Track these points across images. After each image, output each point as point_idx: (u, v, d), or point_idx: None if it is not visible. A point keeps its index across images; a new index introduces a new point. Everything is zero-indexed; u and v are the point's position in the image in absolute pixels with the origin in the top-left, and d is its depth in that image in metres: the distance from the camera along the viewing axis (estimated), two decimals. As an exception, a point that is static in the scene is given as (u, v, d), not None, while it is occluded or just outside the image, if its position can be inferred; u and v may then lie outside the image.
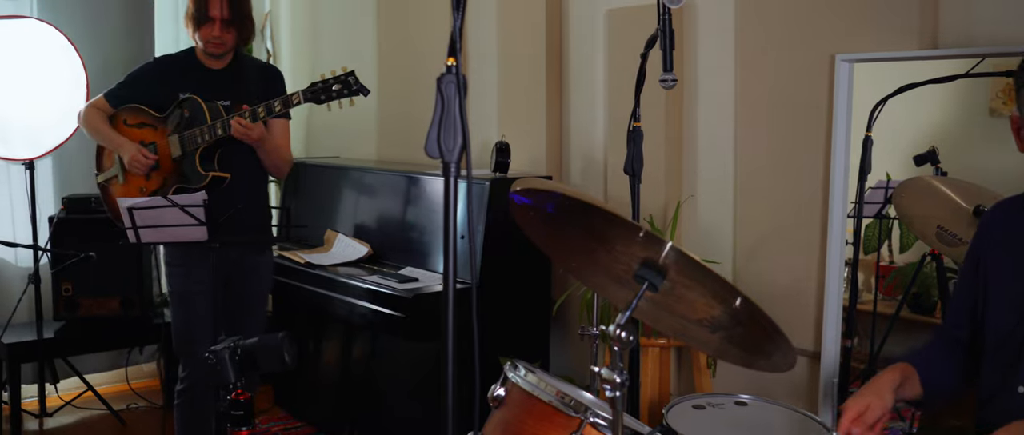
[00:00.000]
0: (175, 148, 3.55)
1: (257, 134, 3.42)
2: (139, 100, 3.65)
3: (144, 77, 3.69)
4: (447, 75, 1.41)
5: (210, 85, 3.56)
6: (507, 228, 3.62)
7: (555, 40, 4.16)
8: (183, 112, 3.54)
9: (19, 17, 4.75)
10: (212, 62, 3.61)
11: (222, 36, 3.50)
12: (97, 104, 3.71)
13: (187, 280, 3.58)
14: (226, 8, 3.47)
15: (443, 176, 1.42)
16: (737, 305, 1.67)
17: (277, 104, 3.39)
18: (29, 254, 4.76)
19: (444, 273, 1.43)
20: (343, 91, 3.35)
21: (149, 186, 3.61)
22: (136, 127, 3.64)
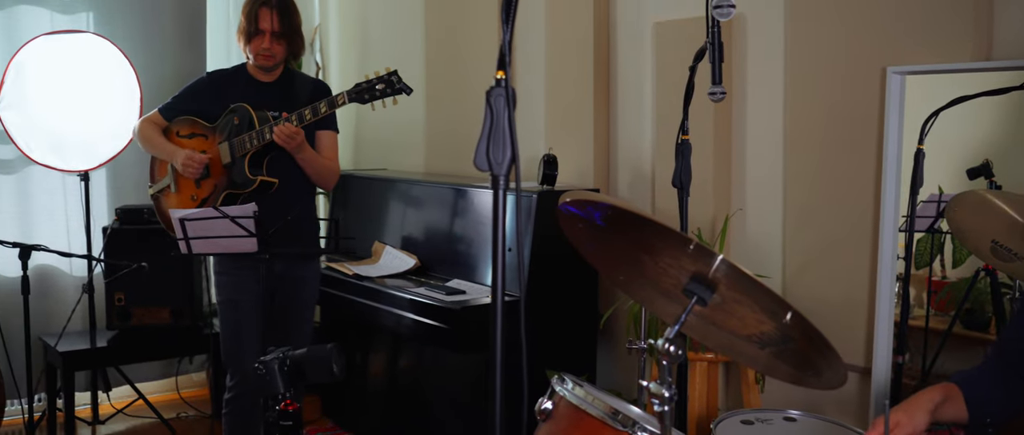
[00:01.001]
0: (225, 155, 3.62)
1: (299, 141, 3.46)
2: (191, 111, 3.74)
3: (197, 91, 3.78)
4: (496, 88, 1.41)
5: (260, 98, 3.63)
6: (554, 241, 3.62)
7: (603, 53, 4.15)
8: (233, 119, 3.61)
9: (76, 32, 4.84)
10: (263, 76, 3.69)
11: (272, 48, 3.58)
12: (152, 118, 3.81)
13: (236, 290, 3.63)
14: (276, 21, 3.56)
15: (492, 189, 1.42)
16: (787, 320, 1.65)
17: (323, 105, 3.44)
18: (83, 264, 4.85)
19: (492, 286, 1.44)
20: (387, 90, 3.39)
21: (200, 193, 3.67)
22: (188, 138, 3.73)
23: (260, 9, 3.57)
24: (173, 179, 3.74)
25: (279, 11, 3.58)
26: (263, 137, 3.50)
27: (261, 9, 3.57)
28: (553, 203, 3.69)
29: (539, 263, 3.82)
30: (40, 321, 4.94)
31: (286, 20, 3.59)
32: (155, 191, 3.84)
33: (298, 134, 3.45)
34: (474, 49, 4.72)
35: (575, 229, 1.88)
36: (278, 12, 3.58)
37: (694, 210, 3.15)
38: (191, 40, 5.41)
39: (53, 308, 5.10)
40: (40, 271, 5.06)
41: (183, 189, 3.72)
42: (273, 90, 3.68)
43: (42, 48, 4.65)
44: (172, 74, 5.18)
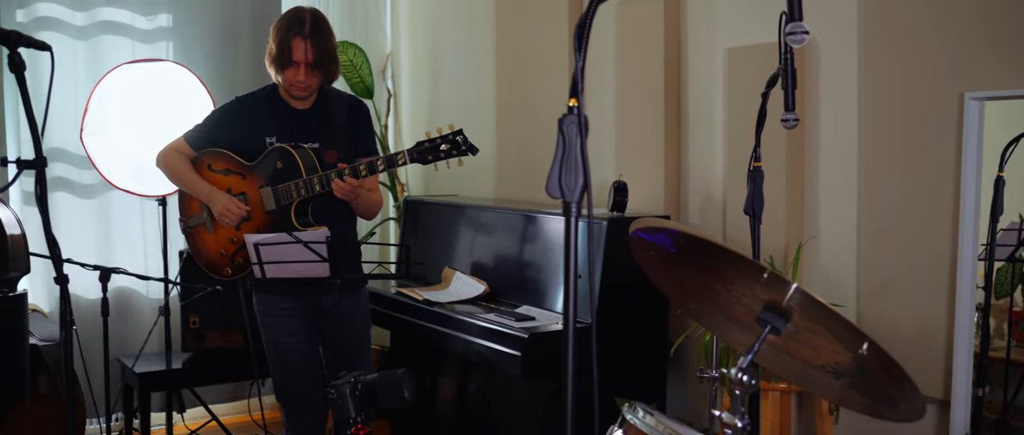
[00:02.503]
0: (268, 201, 3.48)
1: (359, 193, 3.37)
2: (221, 142, 3.56)
3: (226, 118, 3.59)
4: (569, 116, 1.42)
5: (295, 126, 3.50)
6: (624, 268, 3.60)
7: (673, 79, 4.14)
8: (275, 163, 3.46)
9: (156, 61, 4.96)
10: (296, 102, 3.52)
11: (307, 79, 3.40)
12: (176, 147, 3.62)
13: (281, 332, 3.54)
14: (310, 52, 3.36)
15: (564, 216, 1.42)
16: (863, 351, 1.62)
17: (381, 163, 3.31)
18: (160, 287, 4.94)
19: (564, 312, 1.44)
20: (451, 151, 3.25)
21: (241, 236, 3.52)
22: (222, 174, 3.57)
23: (293, 39, 3.36)
24: (209, 217, 3.59)
25: (313, 40, 3.36)
26: (312, 188, 3.37)
27: (294, 39, 3.35)
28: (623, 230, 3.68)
29: (609, 290, 3.80)
30: (118, 342, 5.05)
31: (320, 48, 3.38)
32: (188, 226, 3.69)
33: (359, 188, 3.33)
34: (544, 75, 4.74)
35: (647, 256, 1.88)
36: (312, 41, 3.36)
37: (766, 238, 3.11)
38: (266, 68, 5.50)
39: (131, 330, 5.22)
40: (119, 293, 5.18)
41: (222, 229, 3.59)
42: (309, 117, 3.52)
43: (124, 77, 4.77)
44: (248, 101, 5.28)
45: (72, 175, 5.15)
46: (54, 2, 5.09)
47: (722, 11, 3.95)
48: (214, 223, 3.59)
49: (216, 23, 5.43)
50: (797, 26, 1.86)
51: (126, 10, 5.25)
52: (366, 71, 5.57)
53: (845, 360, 1.71)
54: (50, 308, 5.05)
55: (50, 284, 4.97)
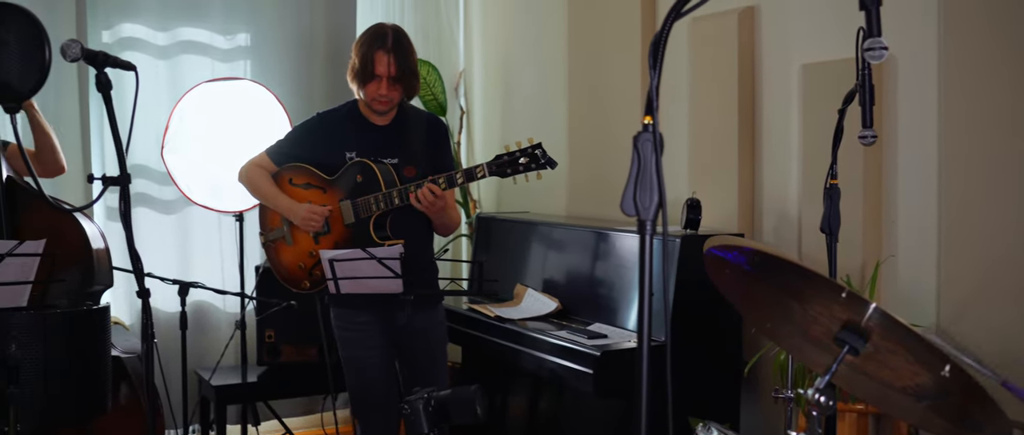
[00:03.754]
0: (347, 214, 3.53)
1: (441, 205, 3.38)
2: (303, 157, 3.61)
3: (308, 134, 3.64)
4: (644, 133, 1.41)
5: (375, 142, 3.54)
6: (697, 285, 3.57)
7: (748, 95, 4.11)
8: (355, 176, 3.51)
9: (234, 79, 5.06)
10: (376, 117, 3.56)
11: (388, 93, 3.44)
12: (259, 162, 3.68)
13: (357, 346, 3.57)
14: (393, 66, 3.40)
15: (639, 234, 1.42)
16: (946, 373, 1.59)
17: (460, 177, 3.33)
18: (236, 301, 5.03)
19: (639, 330, 1.43)
20: (530, 164, 3.26)
21: (319, 250, 3.54)
22: (303, 187, 3.62)
23: (376, 53, 3.41)
24: (289, 231, 3.65)
25: (396, 54, 3.41)
26: (391, 202, 3.42)
27: (377, 53, 3.40)
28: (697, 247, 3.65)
29: (682, 308, 3.78)
30: (196, 355, 5.14)
31: (403, 63, 3.42)
32: (268, 240, 3.76)
33: (442, 199, 3.35)
34: (616, 92, 4.73)
35: (721, 275, 1.86)
36: (394, 55, 3.40)
37: (843, 256, 3.06)
38: (341, 86, 5.57)
39: (208, 343, 5.31)
40: (196, 307, 5.28)
41: (300, 242, 3.64)
42: (388, 133, 3.56)
43: (203, 95, 4.88)
44: (323, 119, 5.36)
45: (152, 191, 5.27)
46: (137, 22, 5.22)
47: (797, 27, 3.91)
48: (293, 237, 3.64)
49: (292, 42, 5.52)
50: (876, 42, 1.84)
51: (206, 30, 5.36)
52: (439, 88, 5.62)
53: (926, 382, 1.67)
54: (131, 321, 5.17)
55: (131, 297, 5.08)
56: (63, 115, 4.95)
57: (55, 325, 3.34)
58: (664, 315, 3.21)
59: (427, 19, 5.86)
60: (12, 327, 3.19)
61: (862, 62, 2.39)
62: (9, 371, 3.08)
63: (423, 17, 5.82)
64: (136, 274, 2.47)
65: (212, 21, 5.37)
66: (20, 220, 3.58)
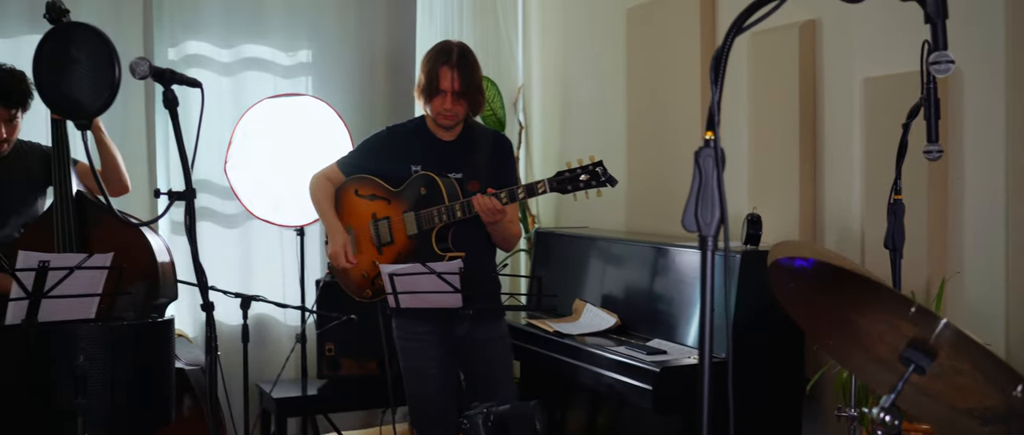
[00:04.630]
0: (411, 226, 3.59)
1: (502, 215, 3.44)
2: (370, 169, 3.69)
3: (377, 147, 3.72)
4: (705, 149, 1.41)
5: (441, 156, 3.60)
6: (758, 302, 3.55)
7: (809, 109, 4.06)
8: (419, 189, 3.58)
9: (296, 95, 5.13)
10: (443, 133, 3.64)
11: (453, 108, 3.52)
12: (328, 173, 3.77)
13: (418, 356, 3.62)
14: (457, 80, 3.49)
15: (700, 250, 1.41)
16: (1018, 393, 1.55)
17: (521, 191, 3.40)
18: (297, 314, 5.08)
19: (700, 347, 1.42)
20: (591, 182, 3.33)
21: (382, 260, 3.64)
22: (368, 199, 3.69)
23: (441, 68, 3.50)
24: (354, 240, 3.73)
25: (460, 69, 3.50)
26: (453, 214, 3.48)
27: (442, 68, 3.50)
28: (757, 263, 3.61)
29: (742, 324, 3.74)
30: (257, 368, 5.20)
31: (467, 78, 3.51)
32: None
33: (503, 211, 3.42)
34: (675, 106, 4.72)
35: (785, 288, 1.84)
36: (459, 70, 3.49)
37: (907, 273, 3.02)
38: (401, 101, 5.63)
39: (269, 356, 5.37)
40: (258, 320, 5.34)
41: (365, 252, 3.71)
42: (453, 148, 3.64)
43: (266, 111, 4.95)
44: (383, 134, 5.40)
45: (215, 205, 5.35)
46: (202, 40, 5.32)
47: (860, 40, 3.87)
48: (358, 246, 3.71)
49: (353, 58, 5.58)
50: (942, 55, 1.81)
51: (268, 47, 5.44)
52: (498, 104, 5.65)
53: (995, 404, 1.63)
54: (194, 333, 5.24)
55: (195, 310, 5.15)
56: (130, 131, 5.05)
57: (122, 337, 3.41)
58: (725, 331, 3.18)
59: (486, 34, 5.88)
60: (80, 338, 3.27)
61: (927, 76, 2.36)
62: (77, 381, 3.14)
63: (482, 32, 5.85)
64: (201, 287, 2.51)
65: (274, 38, 5.45)
66: (89, 234, 3.66)
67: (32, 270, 3.01)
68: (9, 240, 3.72)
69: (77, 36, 2.55)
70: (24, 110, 3.71)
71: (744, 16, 1.45)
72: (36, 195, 3.87)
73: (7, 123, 3.65)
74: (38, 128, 4.44)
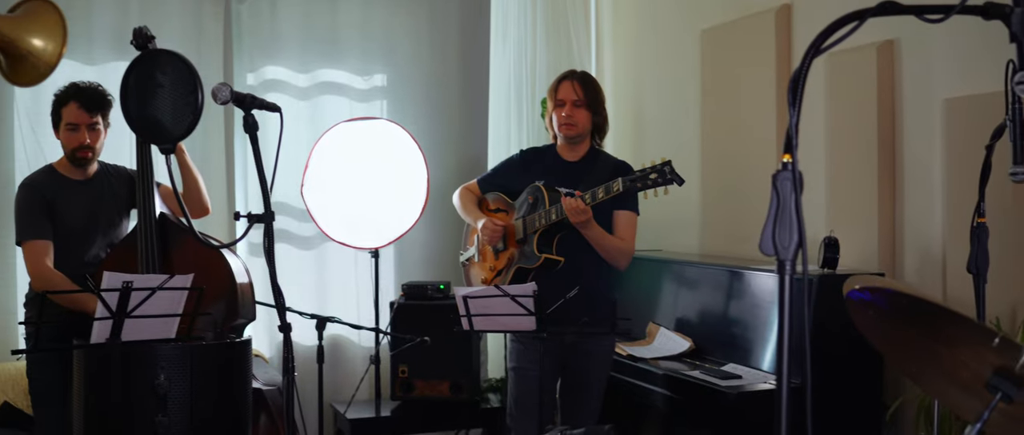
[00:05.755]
0: (519, 231, 3.83)
1: (585, 218, 3.57)
2: (503, 186, 4.00)
3: (508, 166, 4.07)
4: (783, 172, 1.40)
5: (564, 175, 3.81)
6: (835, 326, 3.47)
7: (887, 131, 4.00)
8: (528, 197, 3.83)
9: (371, 119, 5.19)
10: (568, 154, 3.89)
11: (572, 115, 3.78)
12: (469, 187, 4.11)
13: (524, 358, 3.80)
14: (577, 90, 3.79)
15: (778, 274, 1.40)
16: (1108, 422, 1.51)
17: (600, 191, 3.56)
18: (371, 336, 5.12)
19: (777, 372, 1.40)
20: (659, 180, 3.51)
21: (498, 265, 3.90)
22: (493, 212, 4.01)
23: (561, 83, 3.83)
24: (478, 249, 4.00)
25: (580, 81, 3.81)
26: (549, 217, 3.66)
27: (562, 83, 3.83)
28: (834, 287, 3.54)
29: (820, 349, 3.66)
30: (331, 388, 5.24)
31: (587, 90, 3.81)
32: (464, 259, 4.14)
33: (586, 212, 3.56)
34: (750, 128, 4.67)
35: (863, 316, 1.81)
36: (579, 82, 3.80)
37: (992, 298, 2.94)
38: (475, 125, 5.67)
39: (342, 377, 5.41)
40: (332, 341, 5.39)
41: (484, 259, 3.98)
42: (576, 168, 3.85)
43: (341, 134, 5.02)
44: (455, 157, 5.45)
45: (292, 227, 5.43)
46: (280, 65, 5.42)
47: (940, 60, 3.80)
48: (481, 253, 3.98)
49: (427, 82, 5.63)
50: (1027, 75, 1.77)
51: (344, 71, 5.52)
52: (571, 125, 5.66)
53: (1086, 432, 1.59)
54: (270, 353, 5.31)
55: (271, 330, 5.21)
56: (209, 154, 5.15)
57: (201, 357, 3.47)
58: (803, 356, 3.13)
59: (559, 57, 5.89)
60: (161, 358, 3.34)
61: (1011, 96, 2.30)
62: (157, 400, 3.21)
63: (554, 53, 5.86)
64: (278, 309, 2.55)
65: (350, 63, 5.53)
66: (171, 255, 3.74)
67: (116, 290, 3.09)
68: (96, 260, 3.82)
69: (163, 62, 2.62)
70: (105, 120, 3.84)
71: (822, 37, 1.43)
72: (122, 216, 3.97)
73: (90, 130, 3.78)
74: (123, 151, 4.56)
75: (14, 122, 4.94)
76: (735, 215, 4.78)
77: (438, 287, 4.99)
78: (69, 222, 3.82)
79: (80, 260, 3.81)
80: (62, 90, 3.80)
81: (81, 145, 3.78)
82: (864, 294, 1.74)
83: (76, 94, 3.76)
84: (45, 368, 3.79)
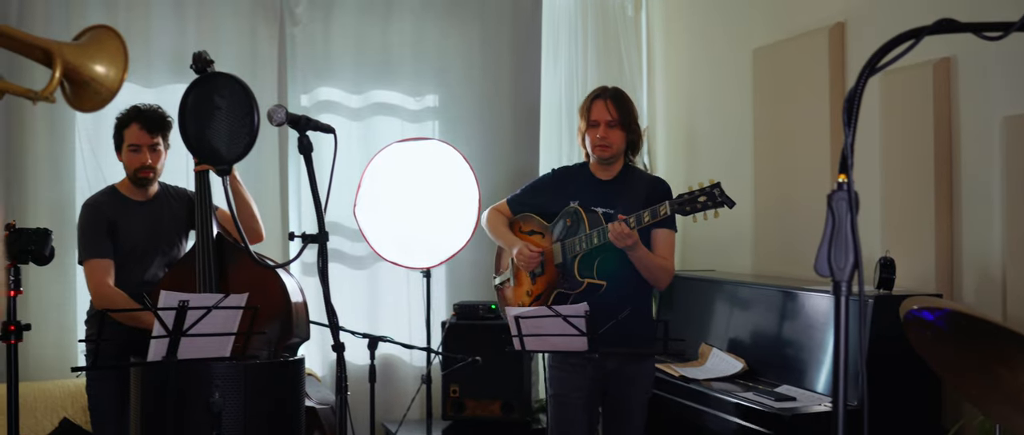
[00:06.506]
0: (557, 255, 3.76)
1: (631, 241, 3.50)
2: (536, 207, 3.92)
3: (541, 186, 3.99)
4: (838, 192, 1.38)
5: (598, 194, 3.74)
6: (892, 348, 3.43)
7: (944, 149, 3.94)
8: (565, 221, 3.75)
9: (423, 139, 5.22)
10: (602, 173, 3.80)
11: (607, 136, 3.69)
12: (499, 208, 4.04)
13: (565, 385, 3.71)
14: (611, 109, 3.69)
15: (833, 295, 1.38)
16: None
17: (646, 215, 3.48)
18: (422, 355, 5.13)
19: (833, 394, 1.39)
20: (708, 203, 3.42)
21: (535, 290, 3.82)
22: (528, 234, 3.92)
23: (594, 102, 3.73)
24: (512, 273, 3.93)
25: (613, 100, 3.72)
26: (591, 241, 3.60)
27: (594, 102, 3.73)
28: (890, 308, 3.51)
29: (876, 371, 3.63)
30: (382, 408, 5.26)
31: (621, 109, 3.71)
32: (498, 283, 4.06)
33: (631, 236, 3.49)
34: (804, 148, 4.63)
35: (922, 337, 1.79)
36: (612, 101, 3.71)
37: (1054, 319, 2.89)
38: (526, 145, 5.68)
39: (393, 396, 5.43)
40: (383, 360, 5.41)
41: (520, 284, 3.91)
42: (611, 188, 3.77)
43: (393, 155, 5.05)
44: (507, 176, 5.46)
45: (345, 247, 5.46)
46: (333, 86, 5.47)
47: (998, 78, 3.74)
48: (516, 277, 3.92)
49: (479, 102, 5.65)
50: (1089, 94, 1.74)
51: (397, 92, 5.57)
52: (622, 146, 5.65)
53: None
54: (323, 372, 5.35)
55: (324, 349, 5.26)
56: (264, 174, 5.21)
57: (255, 375, 3.51)
58: (859, 378, 3.09)
59: (611, 77, 5.89)
60: (216, 376, 3.38)
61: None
62: (212, 418, 3.25)
63: (606, 76, 5.87)
64: (332, 328, 2.57)
65: (403, 84, 5.57)
66: (227, 274, 3.79)
67: (172, 309, 3.13)
68: (154, 279, 3.89)
69: (220, 85, 2.66)
70: (165, 141, 3.91)
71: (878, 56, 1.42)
72: (181, 237, 4.04)
73: (151, 151, 3.86)
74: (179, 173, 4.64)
75: (75, 144, 5.05)
76: (788, 235, 4.74)
77: (489, 307, 5.00)
78: (130, 242, 3.89)
79: (139, 279, 3.88)
80: (124, 112, 3.88)
81: (143, 166, 3.85)
82: (924, 314, 1.72)
83: (138, 116, 3.84)
84: (104, 385, 3.86)
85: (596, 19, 5.92)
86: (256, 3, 5.31)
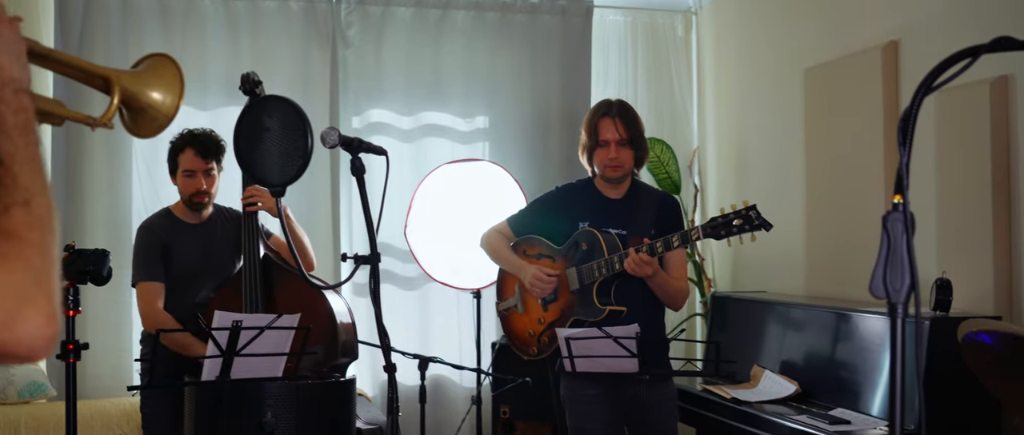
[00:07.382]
0: (573, 281, 3.62)
1: (651, 271, 3.42)
2: (539, 228, 3.76)
3: (546, 205, 3.81)
4: (894, 213, 1.37)
5: (607, 214, 3.63)
6: (949, 370, 3.38)
7: (1002, 168, 3.88)
8: (581, 245, 3.61)
9: (474, 160, 5.25)
10: (610, 190, 3.68)
11: (618, 156, 3.57)
12: (499, 229, 3.86)
13: (585, 418, 3.61)
14: (620, 128, 3.56)
15: (889, 317, 1.37)
16: None
17: (675, 239, 3.38)
18: (473, 376, 5.13)
19: (890, 418, 1.37)
20: (744, 226, 3.29)
21: (547, 317, 3.69)
22: (535, 258, 3.75)
23: (601, 120, 3.59)
24: (520, 299, 3.80)
25: (621, 118, 3.58)
26: (612, 267, 3.48)
27: (602, 120, 3.59)
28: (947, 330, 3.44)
29: (932, 394, 3.56)
30: (433, 429, 5.26)
31: (629, 127, 3.58)
32: (503, 309, 3.91)
33: (651, 264, 3.41)
34: (856, 168, 4.58)
35: (980, 360, 1.76)
36: (620, 119, 3.57)
37: (1117, 342, 2.82)
38: (576, 166, 5.64)
39: (444, 417, 5.43)
40: (434, 381, 5.42)
41: (530, 310, 3.77)
42: (620, 206, 3.66)
43: (444, 176, 5.07)
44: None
45: (395, 268, 5.49)
46: (384, 108, 5.53)
47: (1057, 96, 3.68)
48: (525, 304, 3.78)
49: (529, 124, 5.67)
50: None
51: (447, 113, 5.61)
52: (673, 167, 5.62)
53: None
54: (373, 393, 5.37)
55: (375, 370, 5.28)
56: (316, 196, 5.27)
57: (306, 395, 3.53)
58: (915, 401, 3.04)
59: (660, 97, 5.90)
60: (267, 396, 3.41)
61: None
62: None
63: (656, 95, 5.87)
64: (384, 349, 2.58)
65: (453, 105, 5.60)
66: (274, 296, 3.82)
67: (226, 329, 3.16)
68: (206, 302, 3.93)
69: (273, 108, 2.70)
70: (219, 165, 3.95)
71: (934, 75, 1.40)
72: (233, 259, 4.08)
73: (205, 175, 3.90)
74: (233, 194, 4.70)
75: (132, 167, 5.14)
76: (841, 256, 4.68)
77: (539, 328, 4.99)
78: (183, 264, 3.93)
79: (191, 301, 3.92)
80: (177, 138, 3.93)
81: (198, 191, 3.89)
82: (981, 337, 1.69)
83: (192, 141, 3.89)
84: (158, 403, 3.90)
85: (646, 39, 5.92)
86: (309, 26, 5.38)
